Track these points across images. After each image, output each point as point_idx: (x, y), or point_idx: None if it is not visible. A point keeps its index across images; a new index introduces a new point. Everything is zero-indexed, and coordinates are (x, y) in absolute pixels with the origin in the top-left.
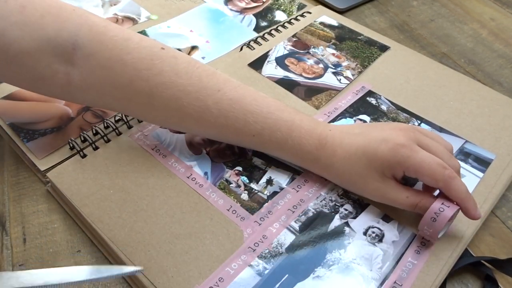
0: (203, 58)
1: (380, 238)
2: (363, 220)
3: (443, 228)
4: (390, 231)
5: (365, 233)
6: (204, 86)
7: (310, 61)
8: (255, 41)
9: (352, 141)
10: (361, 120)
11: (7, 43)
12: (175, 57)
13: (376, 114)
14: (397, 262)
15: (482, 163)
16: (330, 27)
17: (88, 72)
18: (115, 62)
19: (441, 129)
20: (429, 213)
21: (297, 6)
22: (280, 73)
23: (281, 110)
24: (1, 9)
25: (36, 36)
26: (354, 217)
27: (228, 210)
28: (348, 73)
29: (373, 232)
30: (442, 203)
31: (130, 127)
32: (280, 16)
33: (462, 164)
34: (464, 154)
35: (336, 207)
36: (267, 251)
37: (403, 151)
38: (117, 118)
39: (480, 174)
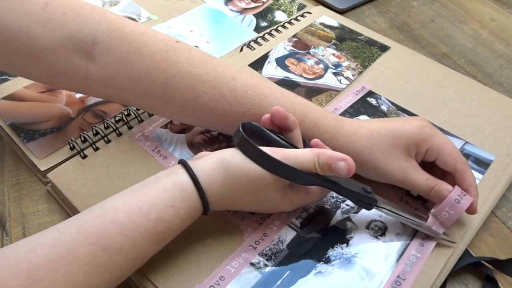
0: None
1: (383, 231)
2: (366, 214)
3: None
4: (394, 224)
5: (367, 227)
6: (218, 75)
7: (311, 62)
8: (255, 41)
9: (372, 123)
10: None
11: (31, 40)
12: (189, 49)
13: (377, 114)
14: (401, 255)
15: (482, 164)
16: (330, 27)
17: (106, 66)
18: (133, 55)
19: (441, 130)
20: (454, 195)
21: (297, 6)
22: (281, 73)
23: (295, 95)
24: (26, 6)
25: (59, 32)
26: (356, 212)
27: (228, 210)
28: (348, 73)
29: (376, 226)
30: (460, 191)
31: (130, 127)
32: (280, 16)
33: None
34: (464, 156)
35: (338, 203)
36: (268, 248)
37: (428, 130)
38: (117, 118)
39: (480, 176)
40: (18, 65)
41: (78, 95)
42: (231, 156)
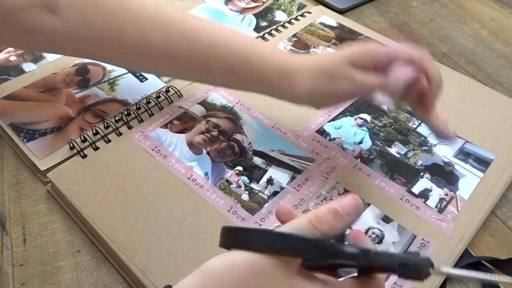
0: None
1: (380, 239)
2: (363, 221)
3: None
4: (390, 232)
5: (365, 234)
6: (168, 17)
7: None
8: None
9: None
10: (362, 119)
11: (3, 1)
12: None
13: (377, 113)
14: None
15: (482, 163)
16: (330, 27)
17: (68, 19)
18: (89, 4)
19: None
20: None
21: (297, 6)
22: None
23: (243, 34)
24: None
25: None
26: None
27: (228, 211)
28: None
29: (373, 233)
30: None
31: (130, 127)
32: (280, 16)
33: (462, 164)
34: (464, 154)
35: None
36: None
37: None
38: (117, 118)
39: (481, 174)
40: None
41: (78, 95)
42: (212, 259)
